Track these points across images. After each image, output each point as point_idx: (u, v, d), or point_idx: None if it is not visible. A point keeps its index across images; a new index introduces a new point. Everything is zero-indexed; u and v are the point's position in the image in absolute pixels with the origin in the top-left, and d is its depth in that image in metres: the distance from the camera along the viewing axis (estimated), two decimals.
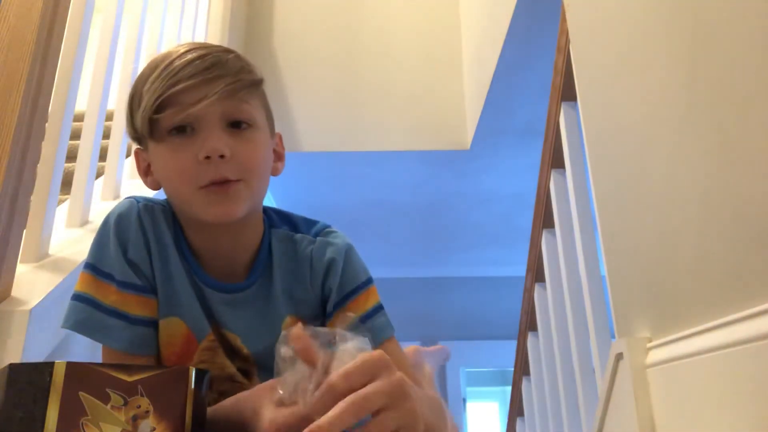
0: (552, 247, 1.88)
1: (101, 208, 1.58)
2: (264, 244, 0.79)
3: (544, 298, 2.00)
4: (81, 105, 1.52)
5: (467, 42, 3.08)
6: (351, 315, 0.55)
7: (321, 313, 0.80)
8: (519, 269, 2.47)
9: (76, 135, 1.67)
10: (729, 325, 0.72)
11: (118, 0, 1.71)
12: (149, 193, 0.93)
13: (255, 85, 0.75)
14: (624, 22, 1.00)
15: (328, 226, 0.83)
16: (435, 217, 3.80)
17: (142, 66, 0.76)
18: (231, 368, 0.78)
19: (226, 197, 0.70)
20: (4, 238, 1.05)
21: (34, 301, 1.08)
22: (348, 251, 0.80)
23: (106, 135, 1.74)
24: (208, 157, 0.69)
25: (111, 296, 0.73)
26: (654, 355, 0.91)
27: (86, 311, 0.72)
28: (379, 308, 0.81)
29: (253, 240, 0.78)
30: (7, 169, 1.05)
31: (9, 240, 1.07)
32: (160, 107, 0.69)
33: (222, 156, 0.69)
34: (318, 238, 0.80)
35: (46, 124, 1.27)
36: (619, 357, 0.99)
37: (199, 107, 0.69)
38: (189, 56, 0.70)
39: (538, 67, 2.34)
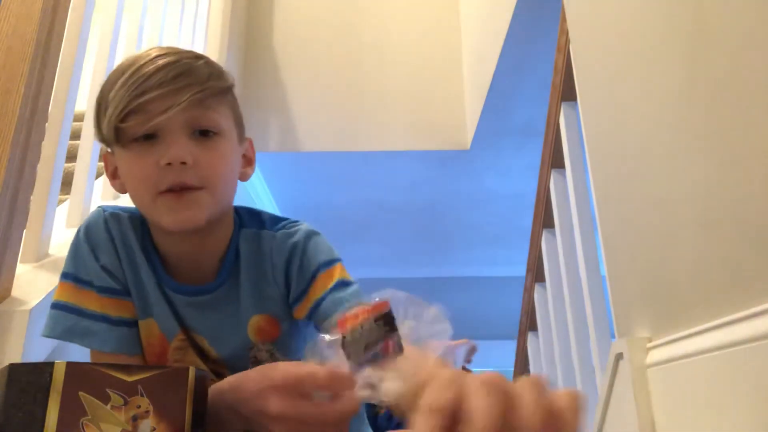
0: (552, 247, 1.88)
1: None
2: (232, 245, 0.79)
3: (544, 298, 2.00)
4: (81, 105, 1.51)
5: (467, 42, 3.08)
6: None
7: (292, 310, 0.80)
8: (519, 269, 2.47)
9: (76, 135, 1.67)
10: (729, 325, 0.72)
11: (118, 0, 1.71)
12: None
13: (223, 92, 0.74)
14: (624, 21, 1.00)
15: (295, 222, 0.81)
16: (435, 217, 3.80)
17: None
18: (203, 366, 0.79)
19: (185, 204, 0.70)
20: (4, 238, 1.05)
21: (34, 301, 1.08)
22: (307, 238, 0.78)
23: None
24: (169, 164, 0.68)
25: (93, 302, 0.75)
26: (654, 355, 0.91)
27: (71, 319, 0.74)
28: (341, 284, 0.75)
29: (219, 244, 0.78)
30: (7, 169, 1.05)
31: (9, 240, 1.07)
32: (126, 116, 0.68)
33: (184, 163, 0.68)
34: (279, 232, 0.79)
35: (46, 124, 1.27)
36: (619, 357, 0.99)
37: (164, 117, 0.68)
38: (158, 62, 0.69)
39: (538, 67, 2.34)
